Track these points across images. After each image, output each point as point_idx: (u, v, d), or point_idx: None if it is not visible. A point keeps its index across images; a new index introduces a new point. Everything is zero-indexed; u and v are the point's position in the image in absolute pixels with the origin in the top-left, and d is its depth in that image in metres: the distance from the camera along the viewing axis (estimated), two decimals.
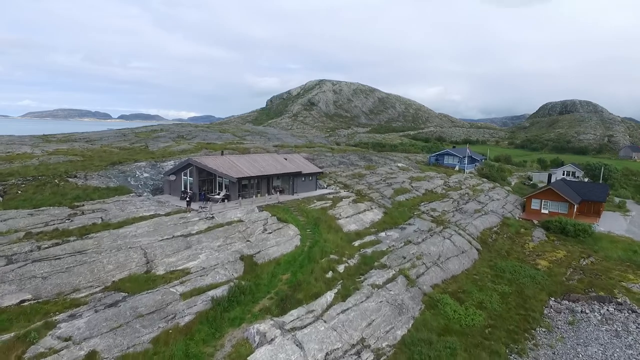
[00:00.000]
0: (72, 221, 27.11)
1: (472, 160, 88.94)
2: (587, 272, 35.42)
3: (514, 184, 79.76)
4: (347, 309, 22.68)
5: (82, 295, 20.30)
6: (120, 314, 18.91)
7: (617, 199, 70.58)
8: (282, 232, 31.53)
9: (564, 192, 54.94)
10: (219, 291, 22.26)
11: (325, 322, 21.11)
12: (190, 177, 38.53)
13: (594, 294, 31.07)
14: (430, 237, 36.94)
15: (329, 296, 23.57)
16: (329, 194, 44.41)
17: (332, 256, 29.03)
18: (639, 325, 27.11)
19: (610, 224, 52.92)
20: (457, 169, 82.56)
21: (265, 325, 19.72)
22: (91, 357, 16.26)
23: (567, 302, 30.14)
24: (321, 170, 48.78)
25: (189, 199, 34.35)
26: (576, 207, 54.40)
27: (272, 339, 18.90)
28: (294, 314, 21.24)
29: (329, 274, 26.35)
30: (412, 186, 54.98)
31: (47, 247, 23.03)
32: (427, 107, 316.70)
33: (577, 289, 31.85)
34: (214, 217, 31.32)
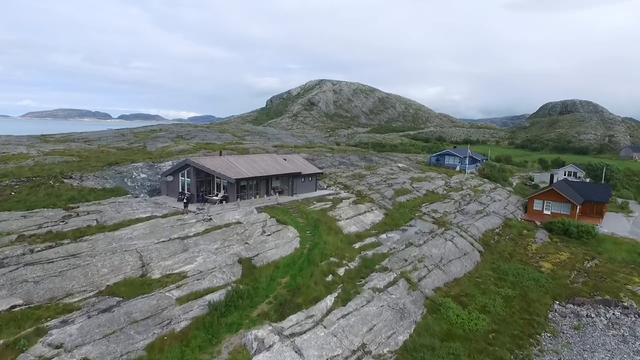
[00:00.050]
0: (66, 223, 26.57)
1: (473, 160, 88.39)
2: (591, 274, 34.80)
3: (515, 184, 79.20)
4: (348, 314, 22.12)
5: (75, 300, 19.74)
6: (114, 319, 18.35)
7: (619, 200, 70.07)
8: (281, 234, 30.93)
9: (567, 193, 54.31)
10: (216, 295, 21.71)
11: (325, 327, 20.55)
12: (187, 178, 37.96)
13: (599, 297, 30.43)
14: (431, 238, 36.36)
15: (329, 300, 23.01)
16: (329, 195, 43.80)
17: (332, 259, 28.43)
18: None
19: (613, 225, 52.32)
20: (458, 169, 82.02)
21: (263, 330, 19.14)
22: None
23: (572, 306, 29.52)
24: (321, 170, 48.16)
25: (186, 200, 33.76)
26: (579, 208, 53.81)
27: (271, 345, 18.33)
28: (293, 319, 20.68)
29: (329, 278, 25.77)
30: (412, 187, 54.39)
31: (39, 251, 22.49)
32: (427, 107, 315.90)
33: (582, 292, 31.20)
34: (211, 219, 30.74)
